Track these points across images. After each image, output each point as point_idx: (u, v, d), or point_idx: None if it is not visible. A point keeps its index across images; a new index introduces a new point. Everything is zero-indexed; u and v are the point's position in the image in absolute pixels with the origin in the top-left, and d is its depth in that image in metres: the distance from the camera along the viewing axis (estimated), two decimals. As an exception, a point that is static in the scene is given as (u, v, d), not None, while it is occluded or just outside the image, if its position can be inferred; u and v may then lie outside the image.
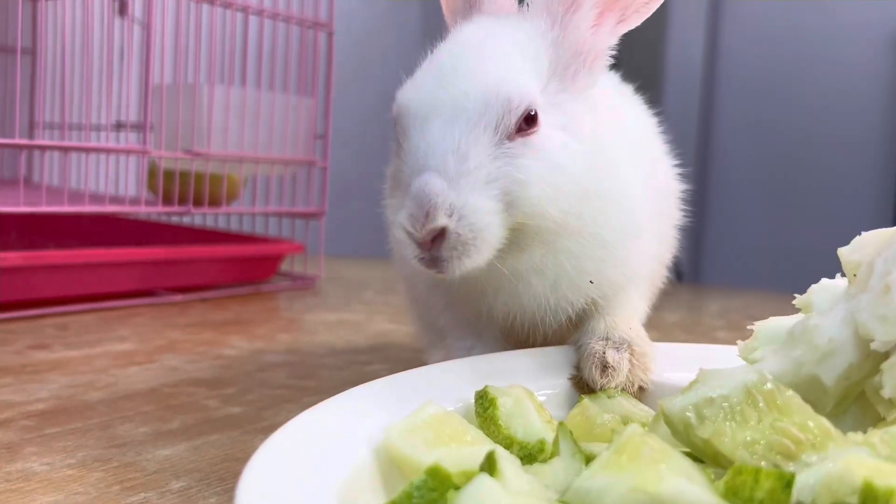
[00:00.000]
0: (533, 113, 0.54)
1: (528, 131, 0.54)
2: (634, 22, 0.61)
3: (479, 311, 0.63)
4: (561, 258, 0.58)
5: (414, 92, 0.56)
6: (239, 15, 1.33)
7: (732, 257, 2.79)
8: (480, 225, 0.52)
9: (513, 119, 0.53)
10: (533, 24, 0.59)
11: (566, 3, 0.58)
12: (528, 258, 0.57)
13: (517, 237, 0.55)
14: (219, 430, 0.65)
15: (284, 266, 1.49)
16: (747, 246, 2.75)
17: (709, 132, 2.80)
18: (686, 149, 2.64)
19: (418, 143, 0.53)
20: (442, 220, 0.51)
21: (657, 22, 2.68)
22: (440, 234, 0.51)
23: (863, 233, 0.54)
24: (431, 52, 0.59)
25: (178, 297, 1.23)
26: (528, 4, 0.60)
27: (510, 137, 0.53)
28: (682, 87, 2.74)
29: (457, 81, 0.54)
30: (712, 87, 2.79)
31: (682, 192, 0.73)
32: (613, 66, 0.72)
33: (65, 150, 1.16)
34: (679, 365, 0.60)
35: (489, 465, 0.43)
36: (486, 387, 0.54)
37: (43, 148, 1.18)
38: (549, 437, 0.51)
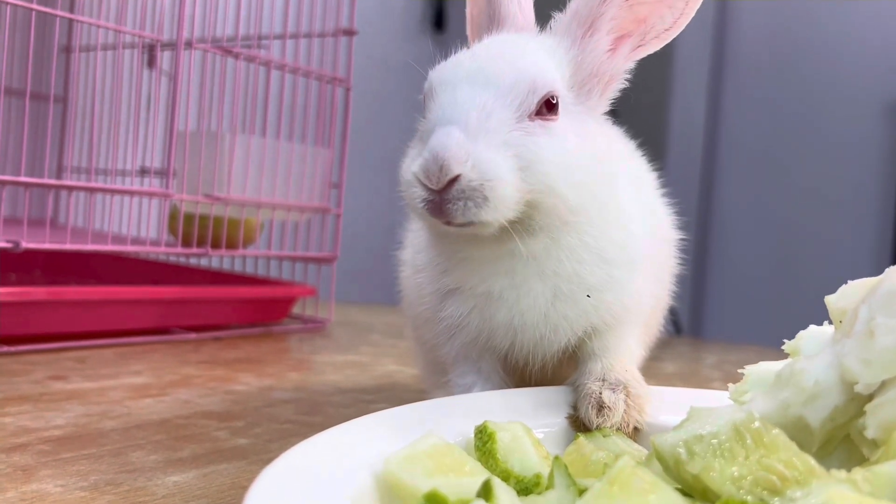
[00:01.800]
0: (555, 101, 0.58)
1: (548, 117, 0.57)
2: (654, 47, 0.64)
3: (479, 335, 0.64)
4: (562, 256, 0.60)
5: (447, 66, 0.59)
6: (262, 69, 1.39)
7: (732, 312, 2.79)
8: (493, 175, 0.54)
9: (535, 99, 0.57)
10: (555, 40, 0.63)
11: (584, 26, 0.62)
12: (532, 245, 0.59)
13: (526, 218, 0.57)
14: (227, 459, 0.67)
15: (296, 309, 1.51)
16: (747, 301, 2.76)
17: (710, 190, 2.84)
18: (688, 206, 2.69)
19: (444, 101, 0.56)
20: (456, 169, 0.52)
21: (660, 83, 2.74)
22: (452, 181, 0.53)
23: (849, 281, 0.56)
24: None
25: (193, 336, 1.26)
26: (550, 26, 0.64)
27: (531, 117, 0.57)
28: (684, 148, 2.79)
29: (490, 60, 0.58)
30: (714, 147, 2.84)
31: (679, 240, 0.75)
32: (617, 121, 0.75)
33: (90, 191, 1.21)
34: (673, 407, 0.62)
35: (485, 492, 0.45)
36: (485, 422, 0.56)
37: (70, 188, 1.23)
38: (546, 472, 0.53)
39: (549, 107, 0.57)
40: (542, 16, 0.67)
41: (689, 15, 0.63)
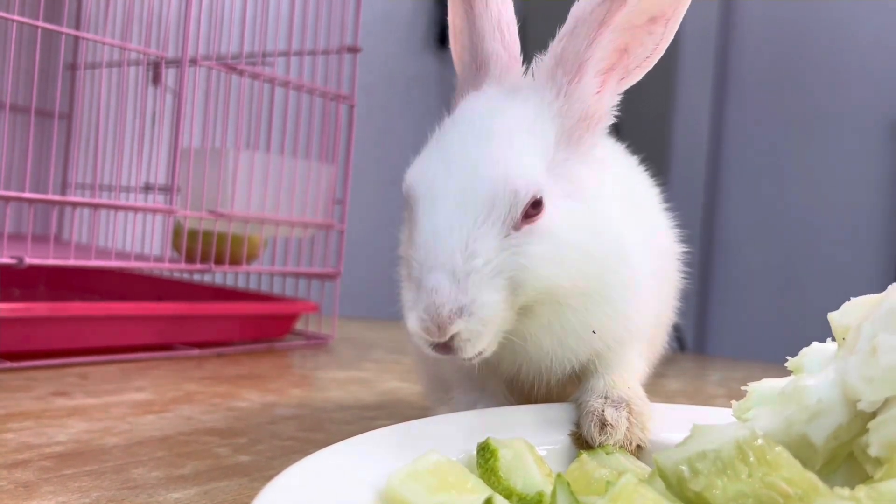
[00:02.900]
0: (539, 198, 0.56)
1: (534, 216, 0.56)
2: (636, 78, 0.62)
3: (484, 361, 0.65)
4: (568, 315, 0.60)
5: (422, 175, 0.57)
6: (266, 85, 1.40)
7: (737, 329, 2.78)
8: (488, 318, 0.54)
9: (519, 210, 0.55)
10: (539, 95, 0.60)
11: (570, 73, 0.59)
12: (536, 320, 0.59)
13: (526, 306, 0.57)
14: (229, 476, 0.67)
15: (299, 325, 1.51)
16: (752, 318, 2.75)
17: (714, 206, 2.84)
18: (691, 221, 2.69)
19: (426, 235, 0.55)
20: (454, 328, 0.53)
21: (664, 97, 2.75)
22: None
23: (852, 298, 0.56)
24: (440, 125, 0.61)
25: (196, 352, 1.26)
26: (532, 74, 0.61)
27: (516, 227, 0.55)
28: (688, 163, 2.80)
29: (464, 169, 0.55)
30: (717, 163, 2.85)
31: (682, 253, 0.75)
32: (619, 137, 0.76)
33: (95, 207, 1.21)
34: (676, 425, 0.62)
35: (487, 509, 0.45)
36: (487, 439, 0.56)
37: (74, 204, 1.24)
38: (548, 489, 0.53)
39: (534, 205, 0.55)
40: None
41: (668, 39, 0.61)
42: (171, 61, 1.34)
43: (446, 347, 0.54)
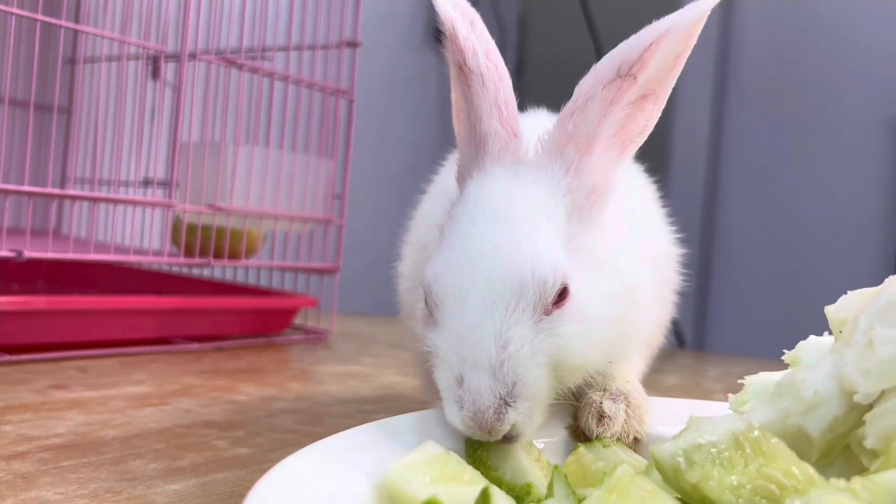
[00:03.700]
0: (566, 286, 0.55)
1: (562, 302, 0.55)
2: (632, 151, 0.63)
3: None
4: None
5: (446, 271, 0.56)
6: (265, 80, 1.40)
7: (736, 325, 2.79)
8: (534, 394, 0.54)
9: (549, 298, 0.54)
10: (548, 173, 0.59)
11: (581, 148, 0.59)
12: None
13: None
14: (227, 468, 0.67)
15: (298, 320, 1.52)
16: (751, 315, 2.76)
17: (714, 204, 2.84)
18: (691, 219, 2.69)
19: (459, 329, 0.54)
20: (502, 431, 0.53)
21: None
22: None
23: (849, 292, 0.56)
24: (452, 214, 0.59)
25: (195, 346, 1.26)
26: (538, 149, 0.60)
27: (547, 312, 0.55)
28: (687, 162, 2.80)
29: (489, 262, 0.55)
30: (717, 162, 2.85)
31: (681, 255, 0.75)
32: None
33: (94, 200, 1.21)
34: (673, 418, 0.62)
35: (483, 500, 0.45)
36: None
37: (73, 198, 1.24)
38: (539, 480, 0.53)
39: (561, 293, 0.55)
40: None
41: (657, 116, 0.62)
42: (170, 55, 1.34)
43: (507, 438, 0.54)
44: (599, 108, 0.58)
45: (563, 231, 0.58)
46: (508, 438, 0.54)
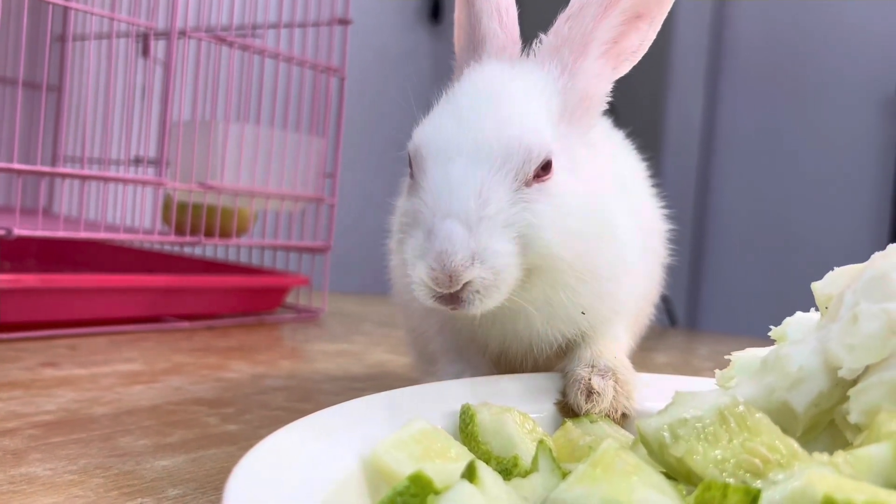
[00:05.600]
0: (549, 160, 0.57)
1: (544, 177, 0.57)
2: (625, 69, 0.64)
3: (472, 337, 0.65)
4: (559, 293, 0.60)
5: (434, 132, 0.57)
6: (256, 57, 1.39)
7: (728, 304, 2.80)
8: (500, 267, 0.54)
9: (532, 167, 0.56)
10: (543, 71, 0.61)
11: (575, 52, 0.61)
12: (529, 294, 0.59)
13: (526, 275, 0.58)
14: (216, 444, 0.67)
15: (289, 298, 1.52)
16: (743, 293, 2.77)
17: (707, 182, 2.84)
18: (684, 198, 2.69)
19: (439, 183, 0.55)
20: (466, 276, 0.52)
21: (658, 75, 2.74)
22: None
23: (835, 268, 0.56)
24: (445, 93, 0.61)
25: (186, 324, 1.26)
26: (534, 52, 0.62)
27: (527, 184, 0.56)
28: (681, 140, 2.79)
29: (479, 125, 0.56)
30: (710, 140, 2.85)
31: (668, 231, 0.76)
32: (612, 117, 0.76)
33: (84, 178, 1.20)
34: (661, 394, 0.62)
35: (469, 473, 0.45)
36: (467, 403, 0.56)
37: (63, 176, 1.23)
38: (526, 453, 0.53)
39: (544, 167, 0.57)
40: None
41: (651, 38, 0.63)
42: (160, 33, 1.33)
43: (454, 299, 0.54)
44: (595, 13, 0.60)
45: (554, 128, 0.59)
46: (460, 300, 0.53)
